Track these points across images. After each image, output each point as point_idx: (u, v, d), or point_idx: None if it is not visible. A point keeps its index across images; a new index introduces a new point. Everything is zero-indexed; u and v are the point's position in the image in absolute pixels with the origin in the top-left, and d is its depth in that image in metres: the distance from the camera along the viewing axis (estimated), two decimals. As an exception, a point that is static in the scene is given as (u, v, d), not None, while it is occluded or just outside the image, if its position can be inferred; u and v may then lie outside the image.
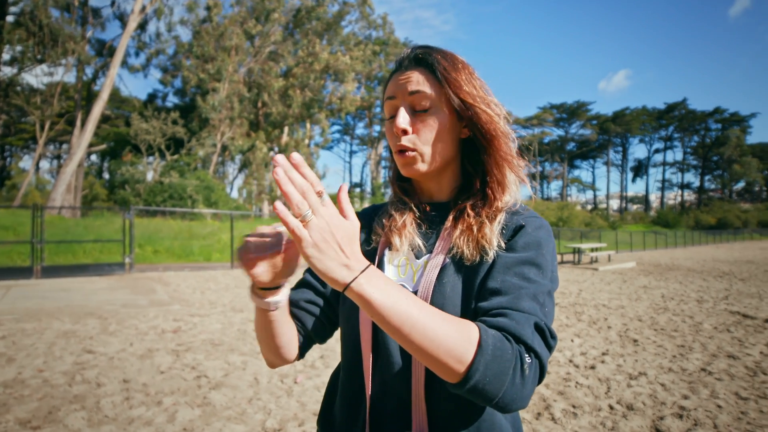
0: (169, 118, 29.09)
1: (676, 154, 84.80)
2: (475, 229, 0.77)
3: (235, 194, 40.75)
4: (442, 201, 0.87)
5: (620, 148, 77.98)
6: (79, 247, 14.05)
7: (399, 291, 0.60)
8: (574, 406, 3.18)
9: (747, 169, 68.54)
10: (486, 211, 0.79)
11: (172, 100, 42.60)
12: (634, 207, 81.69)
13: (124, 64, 33.64)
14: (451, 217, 0.81)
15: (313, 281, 0.92)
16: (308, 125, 40.33)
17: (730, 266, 15.52)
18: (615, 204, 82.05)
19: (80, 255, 13.72)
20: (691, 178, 80.00)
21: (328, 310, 0.90)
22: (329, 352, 4.56)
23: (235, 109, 32.12)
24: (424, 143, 0.79)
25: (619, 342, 5.03)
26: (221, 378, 3.78)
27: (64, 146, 38.84)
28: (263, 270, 0.68)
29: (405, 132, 0.78)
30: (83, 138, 24.46)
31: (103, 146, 34.44)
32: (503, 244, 0.75)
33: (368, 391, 0.77)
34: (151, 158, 30.21)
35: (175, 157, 29.79)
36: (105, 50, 32.01)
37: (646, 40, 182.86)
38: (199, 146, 30.74)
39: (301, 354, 0.89)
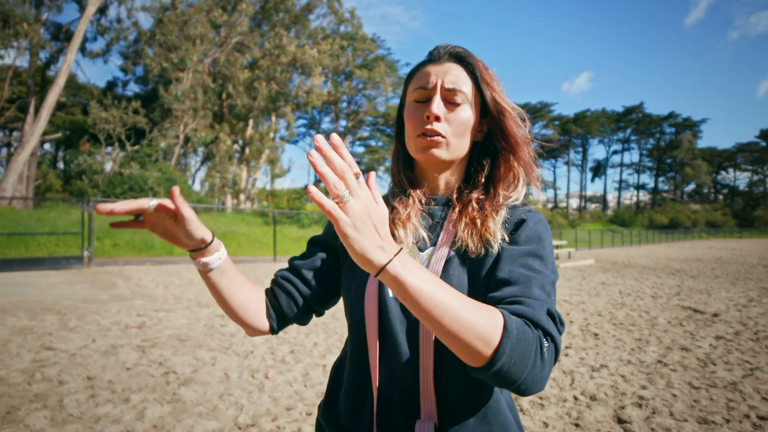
0: (130, 107, 27.93)
1: (632, 156, 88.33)
2: (479, 222, 0.79)
3: (197, 187, 39.77)
4: (444, 195, 0.89)
5: (580, 149, 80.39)
6: (32, 239, 13.42)
7: (430, 275, 0.61)
8: (540, 398, 3.30)
9: (697, 172, 71.95)
10: (489, 205, 0.82)
11: (133, 88, 41.04)
12: (593, 206, 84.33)
13: (82, 49, 32.16)
14: (456, 210, 0.83)
15: (297, 263, 0.93)
16: (273, 118, 39.69)
17: (681, 264, 16.25)
18: (574, 203, 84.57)
19: (34, 248, 13.12)
20: (646, 179, 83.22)
21: (306, 291, 0.91)
22: (299, 347, 4.55)
23: (198, 100, 31.22)
24: (454, 134, 0.82)
25: (581, 336, 5.22)
26: (190, 374, 3.72)
27: (15, 133, 36.81)
28: (162, 232, 0.75)
29: (438, 119, 0.81)
30: (37, 126, 23.33)
31: (58, 135, 32.89)
32: (507, 238, 0.78)
33: (375, 381, 0.79)
34: (110, 148, 29.07)
35: (136, 147, 28.73)
36: (61, 34, 30.51)
37: (608, 44, 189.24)
38: (161, 137, 29.74)
39: (273, 328, 0.90)
